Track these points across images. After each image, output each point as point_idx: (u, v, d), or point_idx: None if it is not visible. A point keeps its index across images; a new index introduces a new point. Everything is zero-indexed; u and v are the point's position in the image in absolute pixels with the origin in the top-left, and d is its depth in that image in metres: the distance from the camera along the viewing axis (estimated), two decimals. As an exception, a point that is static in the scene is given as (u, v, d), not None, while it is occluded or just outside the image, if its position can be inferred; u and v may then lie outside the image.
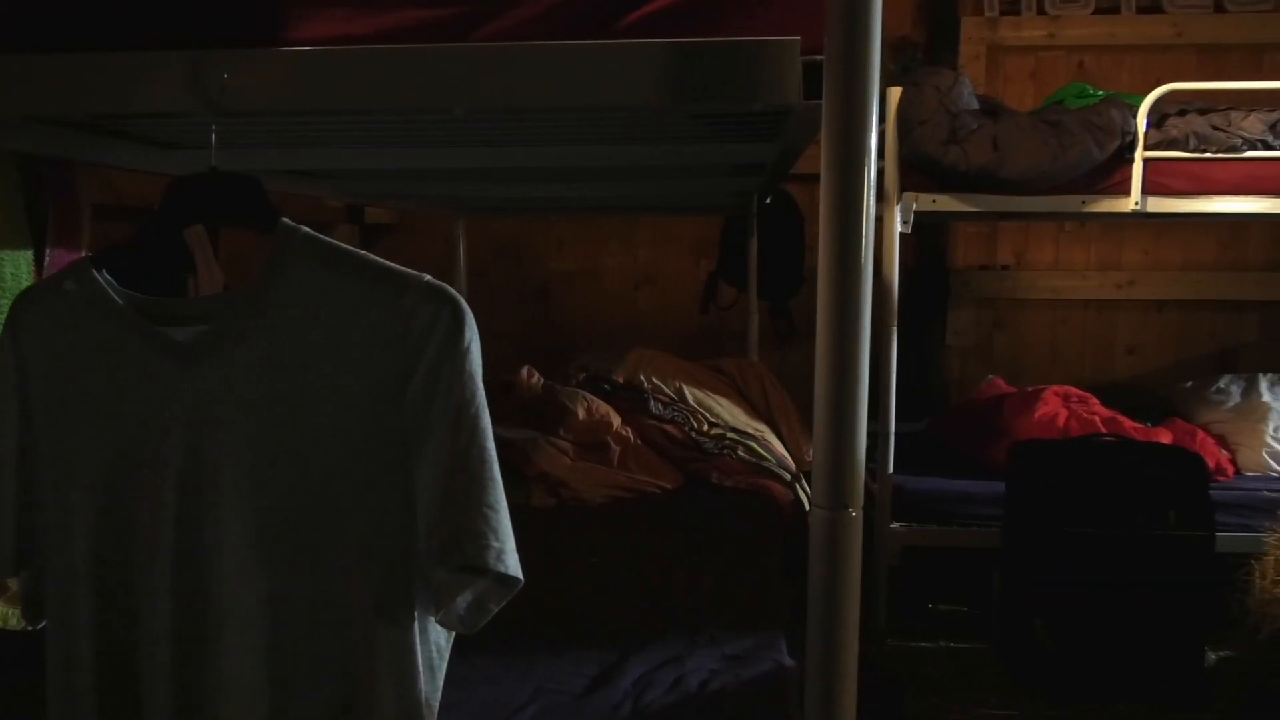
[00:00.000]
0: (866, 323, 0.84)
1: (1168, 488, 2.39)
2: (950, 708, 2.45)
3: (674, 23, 0.88)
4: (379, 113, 1.09)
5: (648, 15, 0.88)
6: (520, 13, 0.89)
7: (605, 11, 0.89)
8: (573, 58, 0.87)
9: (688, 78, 0.86)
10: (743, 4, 0.88)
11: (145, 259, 1.04)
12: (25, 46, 0.91)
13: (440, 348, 0.85)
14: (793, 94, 0.85)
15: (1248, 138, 2.50)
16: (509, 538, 0.87)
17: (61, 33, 0.92)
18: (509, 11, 0.89)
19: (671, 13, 0.88)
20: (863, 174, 0.81)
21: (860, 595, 0.87)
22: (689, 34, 0.88)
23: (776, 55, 0.85)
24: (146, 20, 0.92)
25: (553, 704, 1.54)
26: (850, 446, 0.84)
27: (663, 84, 0.86)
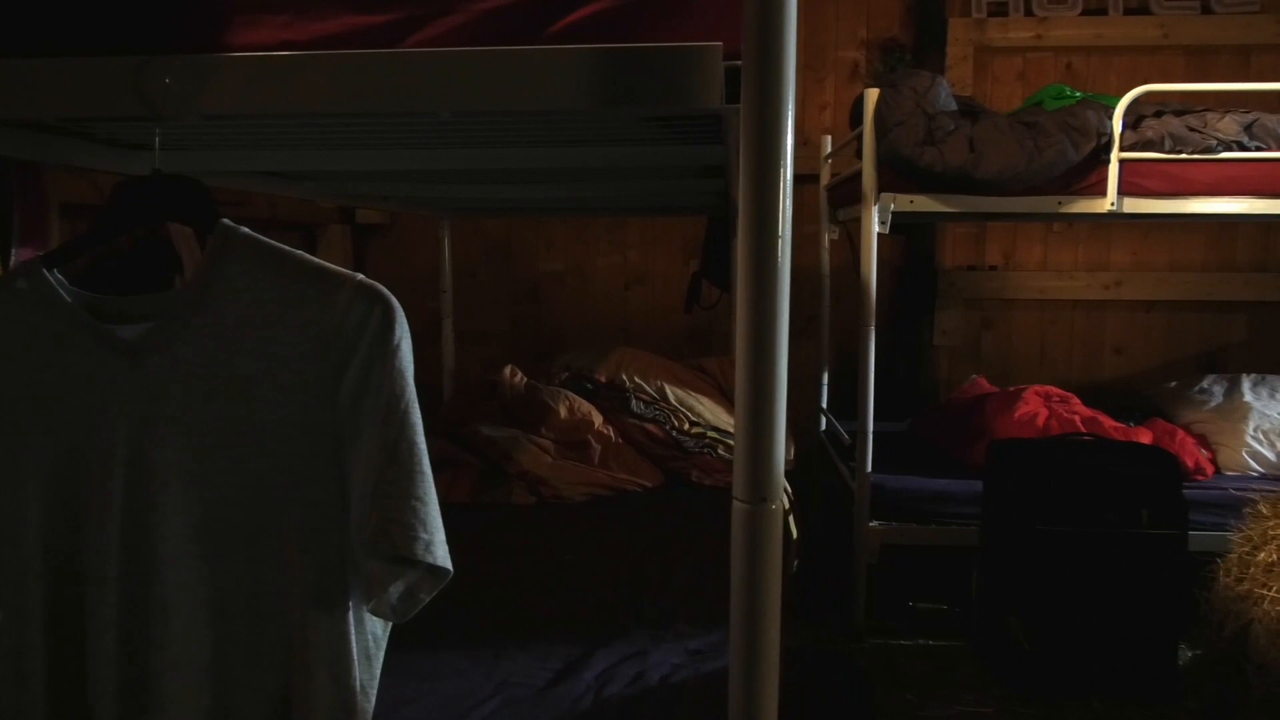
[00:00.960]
0: (783, 322, 0.86)
1: (1140, 487, 2.41)
2: (926, 704, 2.47)
3: (601, 29, 0.91)
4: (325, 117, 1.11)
5: (575, 21, 0.91)
6: (451, 20, 0.92)
7: (534, 18, 0.91)
8: (502, 63, 0.90)
9: (613, 82, 0.89)
10: (668, 11, 0.90)
11: (132, 259, 1.07)
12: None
13: (372, 345, 0.88)
14: (715, 98, 0.87)
15: (1223, 139, 2.51)
16: (438, 529, 0.90)
17: (15, 39, 0.95)
18: (441, 18, 0.92)
19: (599, 19, 0.91)
20: (779, 176, 0.83)
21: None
22: (616, 40, 0.90)
23: (698, 60, 0.87)
24: (95, 27, 0.94)
25: (515, 697, 1.56)
26: (768, 441, 0.87)
27: (589, 88, 0.89)
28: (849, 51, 4.03)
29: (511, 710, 1.52)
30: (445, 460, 2.73)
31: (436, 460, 2.78)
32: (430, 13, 0.92)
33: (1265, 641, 1.69)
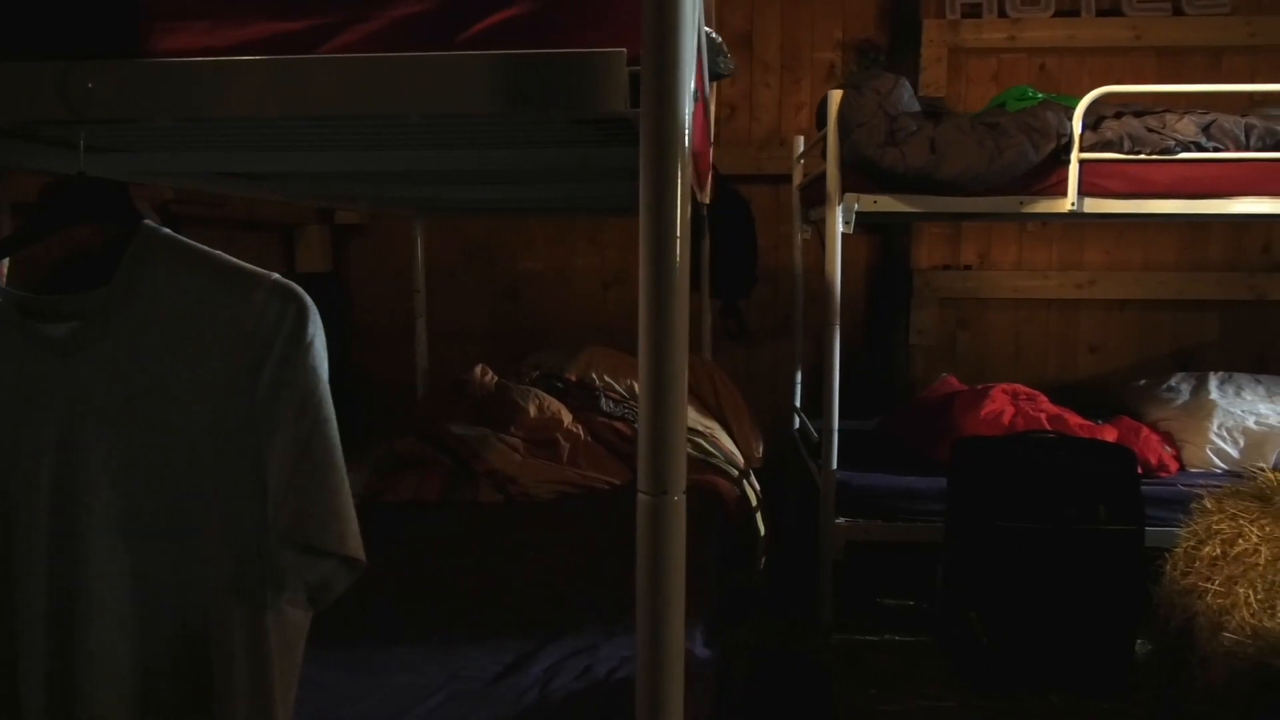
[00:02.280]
0: (683, 319, 0.89)
1: (1099, 483, 2.44)
2: (888, 699, 2.50)
3: (512, 35, 0.93)
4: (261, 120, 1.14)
5: (486, 28, 0.93)
6: (367, 26, 0.94)
7: (446, 25, 0.94)
8: (414, 69, 0.92)
9: (520, 87, 0.91)
10: (576, 18, 0.93)
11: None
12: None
13: (286, 342, 0.91)
14: (620, 102, 0.90)
15: (1181, 139, 2.54)
16: (351, 521, 0.92)
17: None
18: (356, 25, 0.95)
19: (509, 26, 0.93)
20: (676, 176, 0.86)
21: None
22: (527, 46, 0.93)
23: (602, 66, 0.90)
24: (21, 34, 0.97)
25: (462, 690, 1.59)
26: (670, 434, 0.89)
27: (497, 93, 0.91)
28: (825, 52, 4.06)
29: (458, 703, 1.55)
30: (415, 459, 2.76)
31: (407, 459, 2.80)
32: (346, 19, 0.95)
33: (1207, 634, 1.72)
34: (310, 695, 1.55)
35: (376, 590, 2.01)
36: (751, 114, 4.10)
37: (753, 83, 4.09)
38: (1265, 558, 1.69)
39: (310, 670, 1.62)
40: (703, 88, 1.58)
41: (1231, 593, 1.72)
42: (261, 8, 0.95)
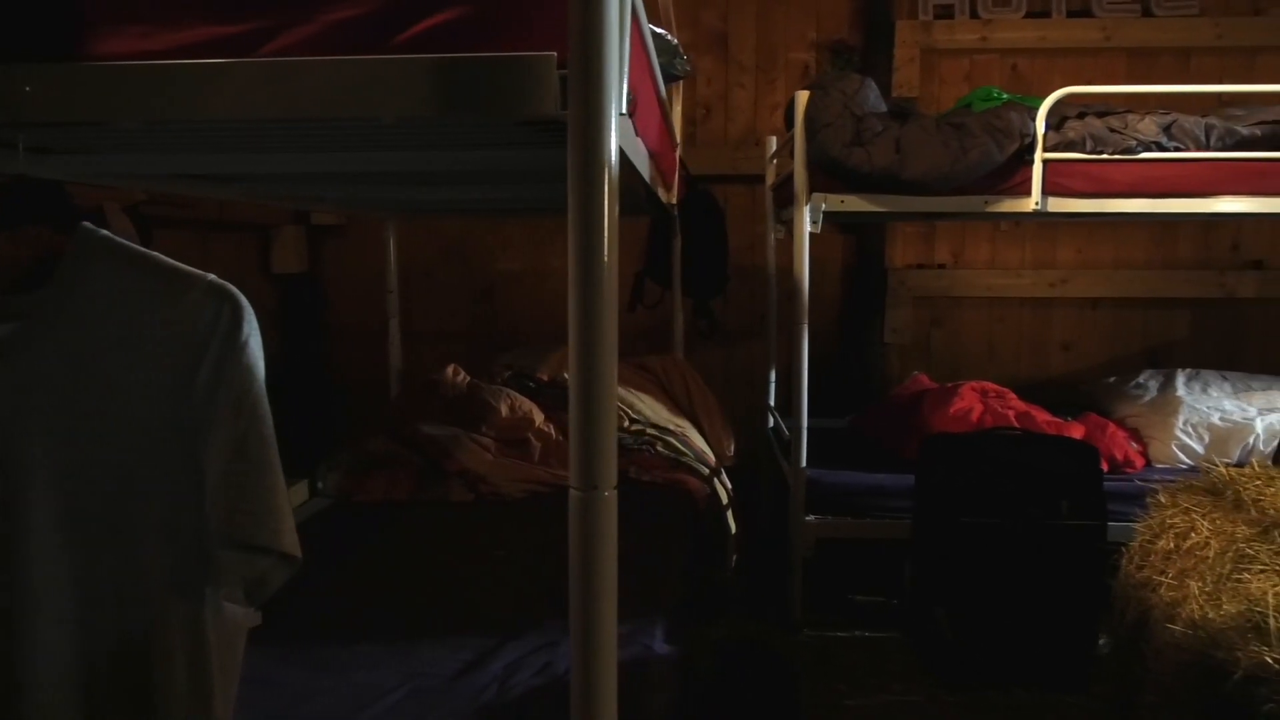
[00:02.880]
0: (612, 317, 0.90)
1: (1061, 479, 2.47)
2: (856, 694, 2.52)
3: (446, 40, 0.95)
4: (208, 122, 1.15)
5: (421, 33, 0.95)
6: (303, 30, 0.96)
7: (381, 29, 0.95)
8: (348, 72, 0.94)
9: (453, 91, 0.93)
10: (509, 22, 0.94)
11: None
12: None
13: (222, 342, 0.92)
14: (551, 106, 0.91)
15: (1142, 139, 2.58)
16: (286, 517, 0.94)
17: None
18: (293, 29, 0.96)
19: (443, 30, 0.95)
20: (603, 177, 0.88)
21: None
22: (461, 50, 0.94)
23: (533, 70, 0.91)
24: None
25: (422, 687, 1.60)
26: (600, 430, 0.91)
27: (430, 96, 0.93)
28: (800, 53, 4.08)
29: (417, 700, 1.56)
30: (386, 459, 2.77)
31: (378, 459, 2.81)
32: (283, 23, 0.96)
33: (1160, 626, 1.74)
34: (268, 694, 1.57)
35: (341, 589, 2.03)
36: (727, 114, 4.12)
37: (728, 83, 4.11)
38: (1214, 551, 1.72)
39: (269, 669, 1.64)
40: (655, 89, 1.60)
41: (1183, 585, 1.74)
42: (199, 12, 0.97)
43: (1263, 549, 1.61)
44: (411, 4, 0.94)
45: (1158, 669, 1.61)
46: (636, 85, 1.26)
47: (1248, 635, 1.36)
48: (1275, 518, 1.71)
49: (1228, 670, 1.33)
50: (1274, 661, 1.29)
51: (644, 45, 1.31)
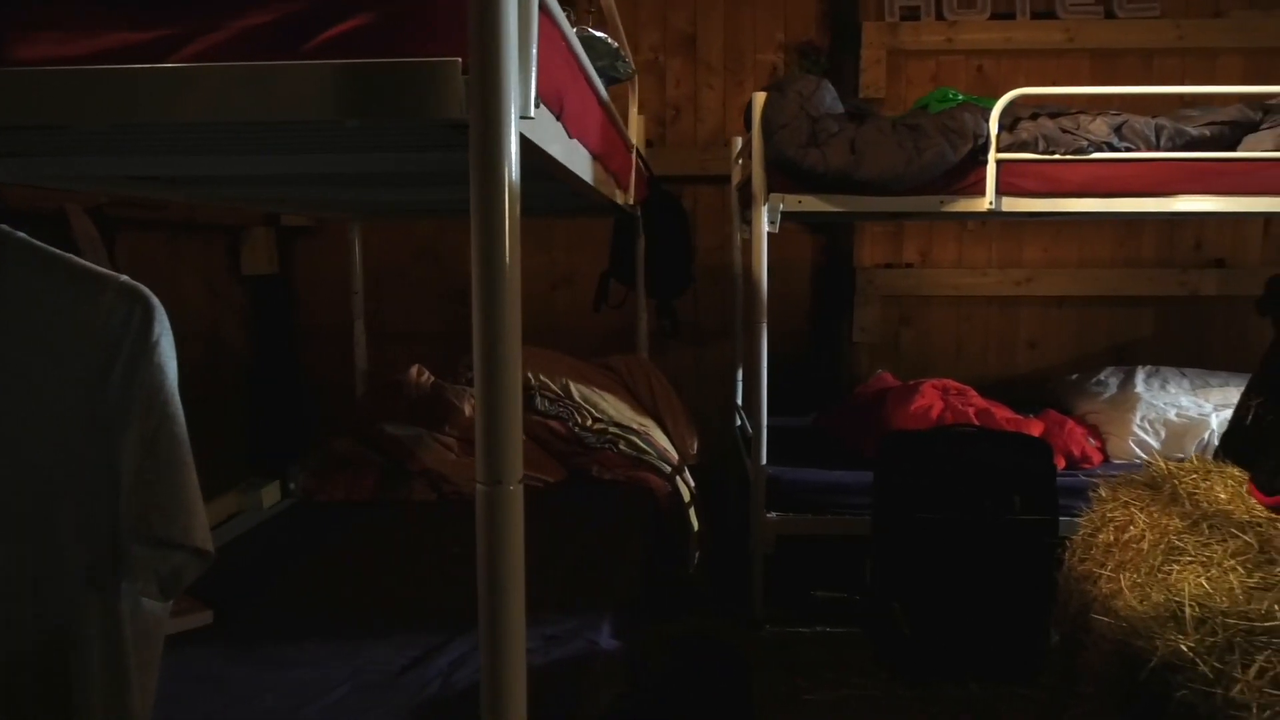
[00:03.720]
0: (514, 315, 0.93)
1: (1014, 475, 2.50)
2: (814, 688, 2.55)
3: (355, 45, 0.97)
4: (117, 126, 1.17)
5: (330, 39, 0.97)
6: (215, 36, 0.98)
7: (291, 35, 0.97)
8: (257, 77, 0.96)
9: (359, 95, 0.95)
10: (416, 28, 0.97)
11: None
12: None
13: (134, 342, 0.94)
14: (455, 109, 0.94)
15: (1094, 140, 2.61)
16: (198, 514, 0.96)
17: None
18: (205, 35, 0.98)
19: (351, 36, 0.97)
20: (504, 180, 0.90)
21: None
22: (370, 55, 0.97)
23: (437, 74, 0.93)
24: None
25: (367, 683, 1.62)
26: (504, 426, 0.93)
27: (338, 101, 0.95)
28: (768, 55, 4.11)
29: (360, 695, 1.58)
30: (350, 459, 2.78)
31: (342, 459, 2.82)
32: (195, 30, 0.98)
33: (1099, 618, 1.77)
34: (212, 691, 1.59)
35: (294, 589, 2.05)
36: (696, 115, 4.15)
37: (697, 84, 4.14)
38: (1148, 543, 1.75)
39: (217, 667, 1.66)
40: (592, 92, 1.62)
41: (1119, 577, 1.78)
42: (113, 19, 0.98)
43: (1191, 541, 1.64)
44: (319, 11, 0.96)
45: (1091, 659, 1.64)
46: (563, 89, 1.28)
47: (1167, 624, 1.40)
48: (1205, 510, 1.75)
49: (1145, 658, 1.37)
50: (1188, 650, 1.33)
51: (570, 49, 1.33)
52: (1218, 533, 1.63)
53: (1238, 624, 1.32)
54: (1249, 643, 1.30)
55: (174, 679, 1.61)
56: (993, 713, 2.37)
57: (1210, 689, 1.28)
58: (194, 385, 3.68)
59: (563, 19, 1.22)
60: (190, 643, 1.75)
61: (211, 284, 3.79)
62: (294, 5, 0.97)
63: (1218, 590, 1.43)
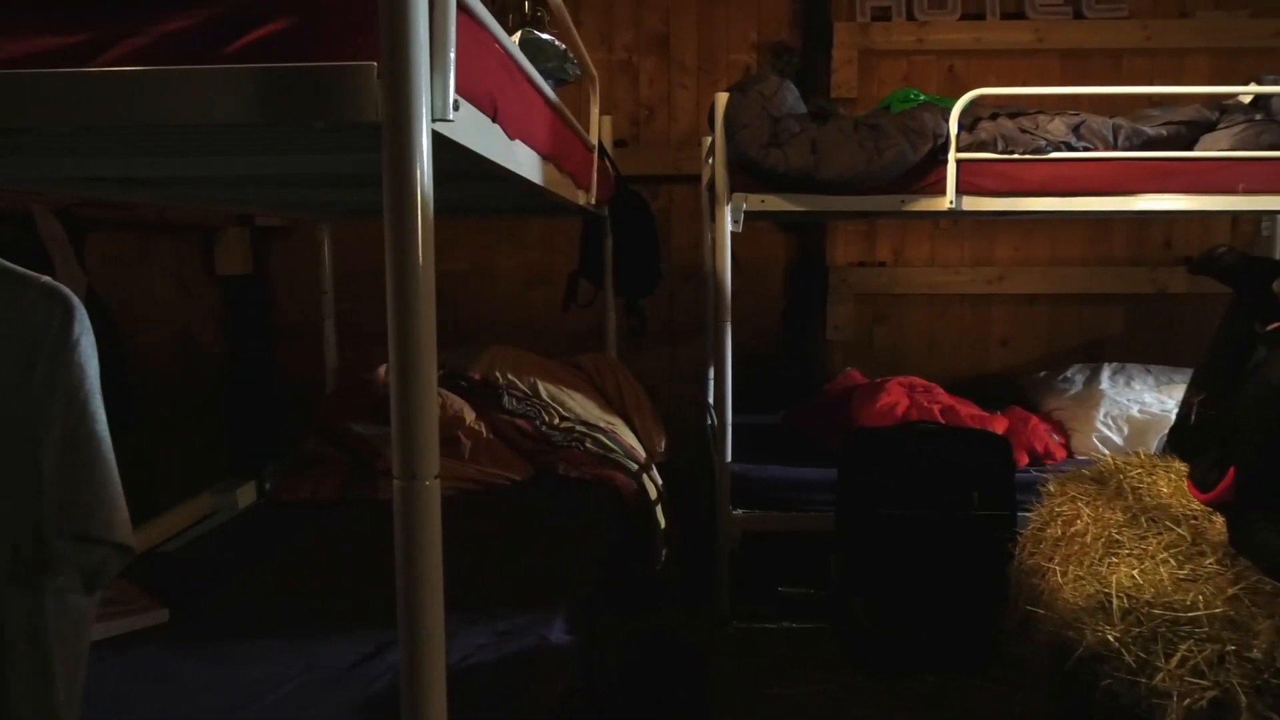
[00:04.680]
0: (429, 312, 0.95)
1: (973, 471, 2.53)
2: (777, 683, 2.57)
3: (274, 50, 0.99)
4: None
5: (250, 43, 0.99)
6: (137, 41, 0.99)
7: (211, 40, 0.99)
8: (177, 81, 0.97)
9: (277, 99, 0.97)
10: (335, 33, 0.98)
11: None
12: None
13: (55, 341, 0.95)
14: (371, 112, 0.95)
15: (1052, 140, 2.64)
16: (118, 509, 0.97)
17: None
18: (127, 40, 0.99)
19: (271, 41, 0.99)
20: (415, 181, 0.92)
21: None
22: (290, 60, 0.98)
23: (352, 78, 0.95)
24: None
25: (317, 679, 1.64)
26: (417, 421, 0.95)
27: (257, 104, 0.97)
28: (741, 54, 4.14)
29: (309, 690, 1.60)
30: (317, 459, 2.80)
31: (309, 459, 2.84)
32: (117, 34, 1.00)
33: (1047, 611, 1.80)
34: (163, 688, 1.60)
35: (253, 587, 2.07)
36: (670, 115, 4.17)
37: (670, 84, 4.16)
38: (1091, 537, 1.78)
39: (170, 664, 1.68)
40: (537, 94, 1.64)
41: (1064, 571, 1.81)
42: (35, 22, 1.00)
43: (1129, 535, 1.67)
44: (238, 16, 0.98)
45: (1026, 651, 1.67)
46: (497, 91, 1.30)
47: (1096, 615, 1.42)
48: (1145, 505, 1.78)
49: (1074, 649, 1.39)
50: (1114, 640, 1.35)
51: (505, 53, 1.35)
52: (1155, 526, 1.66)
53: (1163, 615, 1.35)
54: (1173, 633, 1.32)
55: (126, 676, 1.64)
56: (948, 705, 2.40)
57: (1134, 678, 1.31)
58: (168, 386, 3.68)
59: (493, 24, 1.24)
60: (145, 641, 1.77)
61: (185, 284, 3.80)
62: (214, 10, 0.99)
63: (1148, 582, 1.46)
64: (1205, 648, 1.28)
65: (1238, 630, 1.30)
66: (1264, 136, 2.64)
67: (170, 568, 2.20)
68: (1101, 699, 1.33)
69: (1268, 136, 2.64)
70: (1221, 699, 1.24)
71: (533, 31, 1.65)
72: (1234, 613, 1.33)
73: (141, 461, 3.33)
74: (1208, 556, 1.52)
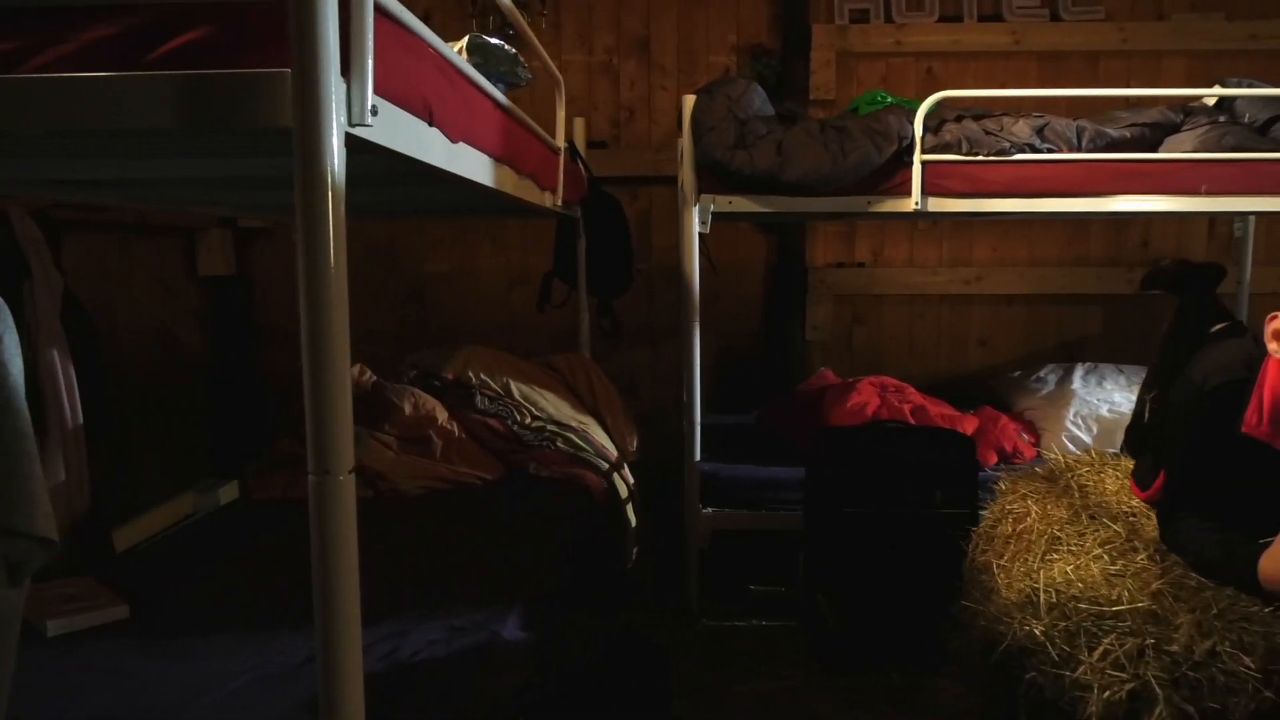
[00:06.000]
0: (341, 310, 0.97)
1: (936, 470, 2.55)
2: (743, 679, 2.60)
3: (196, 57, 1.01)
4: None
5: (170, 51, 1.01)
6: (62, 48, 1.02)
7: (134, 47, 1.02)
8: (100, 87, 1.00)
9: (195, 105, 0.99)
10: (253, 40, 1.01)
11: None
12: None
13: (-22, 340, 0.98)
14: (285, 118, 0.98)
15: (1016, 142, 2.67)
16: (41, 504, 1.00)
17: None
18: (53, 47, 1.02)
19: (193, 49, 1.01)
20: (326, 184, 0.95)
21: None
22: (210, 67, 1.01)
23: (266, 85, 0.98)
24: None
25: (268, 673, 1.66)
26: (331, 416, 0.98)
27: (175, 110, 1.00)
28: (720, 57, 4.16)
29: (260, 685, 1.63)
30: (289, 458, 2.82)
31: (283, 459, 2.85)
32: (43, 42, 1.02)
33: (996, 608, 1.82)
34: (116, 682, 1.63)
35: (216, 584, 2.09)
36: (650, 117, 4.20)
37: (651, 86, 4.19)
38: (1036, 534, 1.80)
39: (124, 659, 1.70)
40: (485, 98, 1.66)
41: (1011, 568, 1.83)
42: (-35, 31, 1.03)
43: (1070, 532, 1.70)
44: (159, 25, 1.01)
45: (965, 645, 1.70)
46: (432, 96, 1.33)
47: (1025, 610, 1.45)
48: (1088, 503, 1.80)
49: (1001, 642, 1.42)
50: (1040, 634, 1.38)
51: (443, 59, 1.37)
52: (1094, 523, 1.69)
53: (1089, 609, 1.38)
54: (1097, 627, 1.35)
55: (81, 670, 1.67)
56: (910, 701, 2.43)
57: (1058, 671, 1.34)
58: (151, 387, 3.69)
59: (425, 31, 1.27)
60: (102, 636, 1.80)
61: (167, 285, 3.83)
62: (137, 18, 1.02)
63: (1079, 578, 1.49)
64: (1126, 641, 1.30)
65: (1159, 624, 1.32)
66: (1226, 138, 2.66)
67: (136, 566, 2.23)
68: (1027, 691, 1.36)
69: (1230, 138, 2.66)
70: (1139, 690, 1.26)
71: (481, 36, 1.67)
72: (1157, 607, 1.35)
73: (124, 462, 3.36)
74: (1140, 553, 1.54)
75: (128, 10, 1.02)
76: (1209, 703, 1.24)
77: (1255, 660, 1.24)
